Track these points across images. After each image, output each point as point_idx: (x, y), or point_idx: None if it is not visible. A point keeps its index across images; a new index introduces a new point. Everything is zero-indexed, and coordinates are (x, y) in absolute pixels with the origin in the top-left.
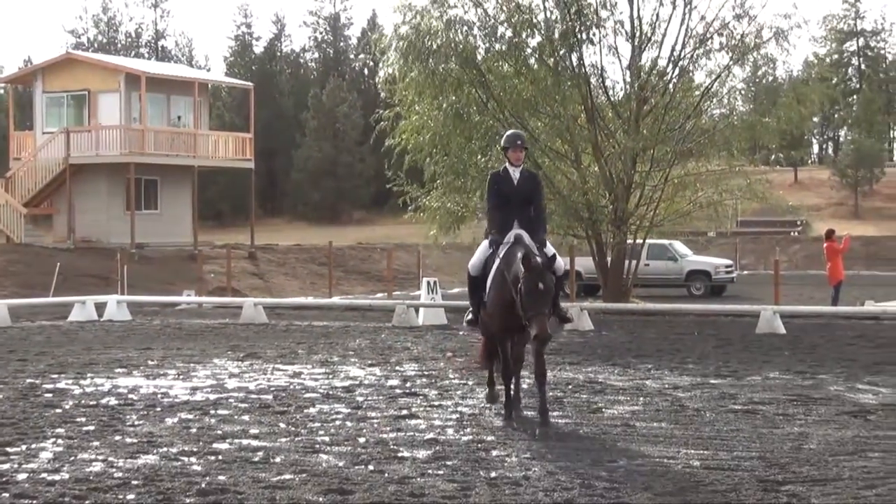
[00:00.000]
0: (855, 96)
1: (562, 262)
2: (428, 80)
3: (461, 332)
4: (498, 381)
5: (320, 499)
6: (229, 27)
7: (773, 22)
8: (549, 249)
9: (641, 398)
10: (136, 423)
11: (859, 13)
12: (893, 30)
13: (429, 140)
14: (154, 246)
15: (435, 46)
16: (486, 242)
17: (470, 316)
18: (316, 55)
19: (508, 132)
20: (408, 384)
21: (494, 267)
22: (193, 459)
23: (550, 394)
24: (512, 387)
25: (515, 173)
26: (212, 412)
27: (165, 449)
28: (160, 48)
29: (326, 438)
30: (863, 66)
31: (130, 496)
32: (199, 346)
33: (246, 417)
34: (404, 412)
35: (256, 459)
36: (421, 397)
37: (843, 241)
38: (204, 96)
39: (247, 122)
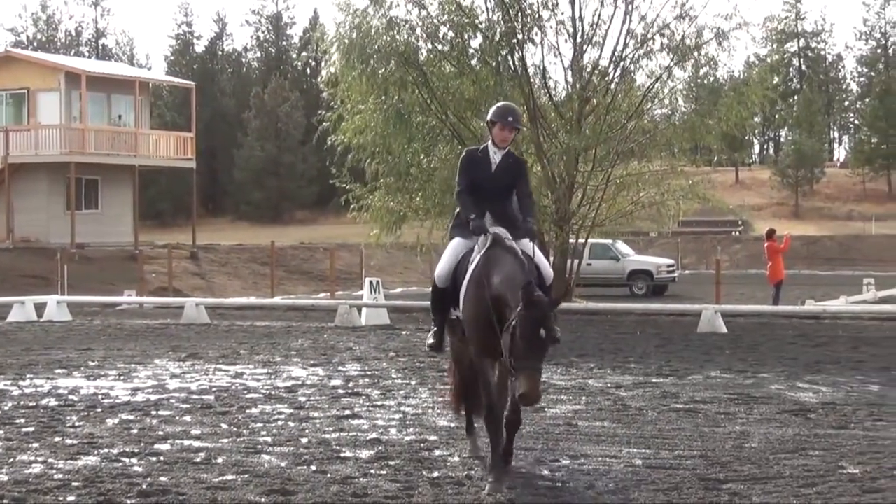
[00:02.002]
0: (796, 97)
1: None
2: (370, 80)
3: (404, 332)
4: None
5: (262, 499)
6: (170, 26)
7: (714, 23)
8: (536, 252)
9: (584, 397)
10: (77, 424)
11: (800, 14)
12: (833, 31)
13: (371, 140)
14: (95, 246)
15: (377, 47)
16: (457, 242)
17: (432, 339)
18: (258, 54)
19: (500, 103)
20: (350, 384)
21: (469, 271)
22: (134, 460)
23: None
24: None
25: (496, 156)
26: (153, 413)
27: (106, 450)
28: (101, 47)
29: (269, 439)
30: (803, 67)
31: (71, 498)
32: (141, 346)
33: (187, 418)
34: (347, 412)
35: (198, 460)
36: (364, 397)
37: (784, 240)
38: (145, 95)
39: (188, 122)
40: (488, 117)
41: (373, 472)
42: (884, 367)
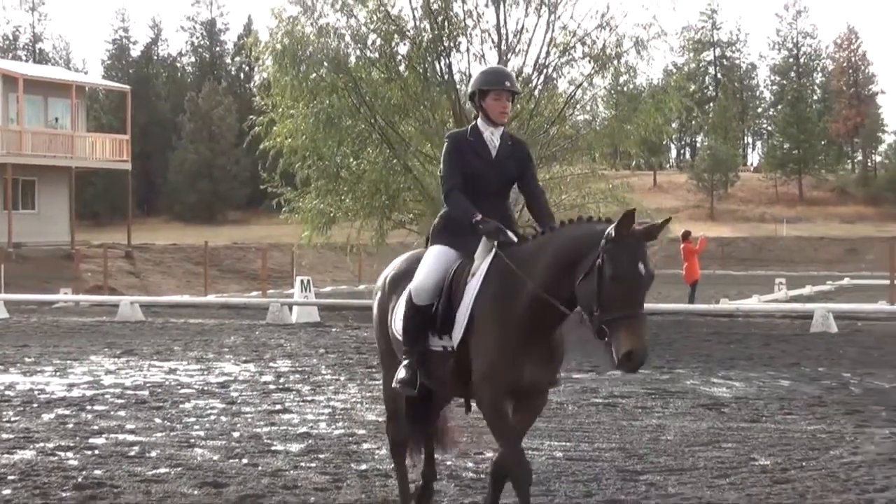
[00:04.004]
0: (711, 104)
1: None
2: (301, 85)
3: (334, 330)
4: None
5: (195, 492)
6: (107, 31)
7: (633, 32)
8: None
9: None
10: (13, 419)
11: (716, 25)
12: (748, 41)
13: (302, 144)
14: (31, 245)
15: (308, 53)
16: (441, 251)
17: (404, 373)
18: (192, 59)
19: (485, 68)
20: (281, 380)
21: (474, 288)
22: (70, 454)
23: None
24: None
25: (494, 137)
26: (88, 408)
27: (42, 444)
28: (38, 51)
29: (201, 433)
30: (719, 76)
31: (7, 491)
32: (76, 343)
33: (122, 413)
34: (278, 407)
35: (132, 454)
36: (294, 392)
37: (699, 241)
38: (81, 99)
39: (124, 125)
40: (475, 87)
41: (303, 464)
42: (794, 363)
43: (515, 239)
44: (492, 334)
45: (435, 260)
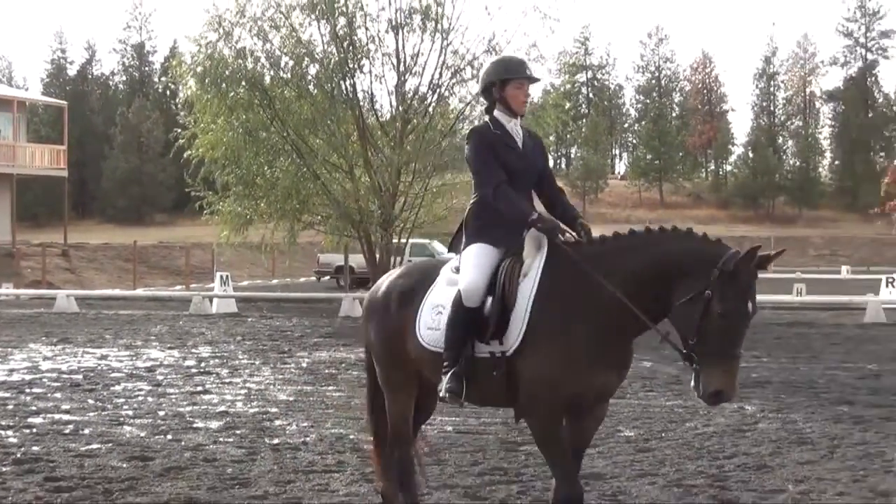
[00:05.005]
0: (584, 120)
1: None
2: (221, 102)
3: (250, 319)
4: None
5: (124, 465)
6: (46, 52)
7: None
8: None
9: None
10: None
11: (588, 50)
12: (616, 64)
13: (222, 154)
14: None
15: (227, 73)
16: (483, 249)
17: (454, 382)
18: (124, 78)
19: (498, 58)
20: (202, 364)
21: (532, 288)
22: (10, 433)
23: (328, 370)
24: None
25: (517, 128)
26: (27, 391)
27: None
28: None
29: (130, 412)
30: (591, 95)
31: None
32: (17, 332)
33: (58, 395)
34: (199, 388)
35: (67, 432)
36: (214, 375)
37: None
38: (22, 112)
39: (61, 136)
40: (494, 77)
41: (221, 439)
42: (654, 347)
43: (573, 238)
44: (556, 341)
45: (480, 259)
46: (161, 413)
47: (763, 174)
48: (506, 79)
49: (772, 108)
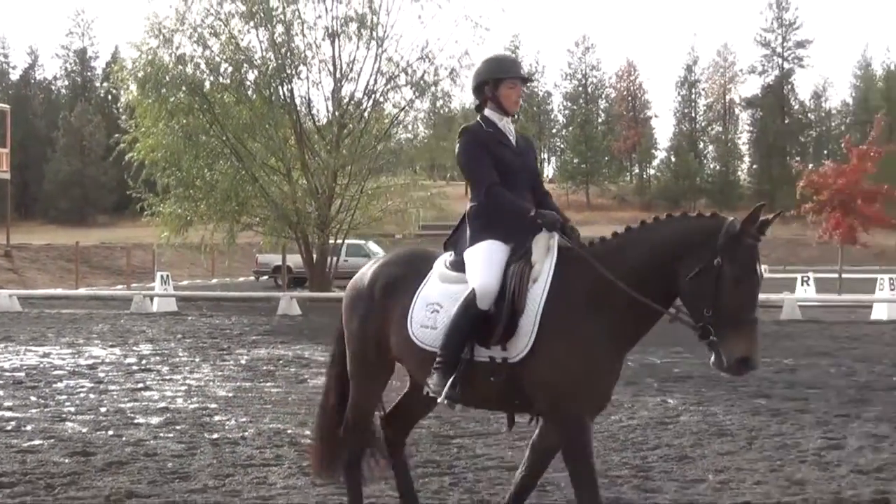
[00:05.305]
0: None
1: None
2: (161, 106)
3: (189, 318)
4: None
5: (66, 460)
6: None
7: (448, 64)
8: None
9: None
10: None
11: (518, 58)
12: (545, 72)
13: (162, 157)
14: None
15: (167, 79)
16: (493, 246)
17: (450, 386)
18: (66, 83)
19: (490, 56)
20: (143, 361)
21: (544, 288)
22: None
23: (266, 367)
24: None
25: (509, 126)
26: None
27: None
28: None
29: (72, 409)
30: (520, 101)
31: None
32: None
33: (1, 392)
34: (140, 385)
35: (9, 428)
36: (155, 372)
37: None
38: None
39: (3, 139)
40: (487, 76)
41: (161, 435)
42: None
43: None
44: (573, 347)
45: (492, 257)
46: (103, 409)
47: (685, 178)
48: (499, 78)
49: (693, 115)
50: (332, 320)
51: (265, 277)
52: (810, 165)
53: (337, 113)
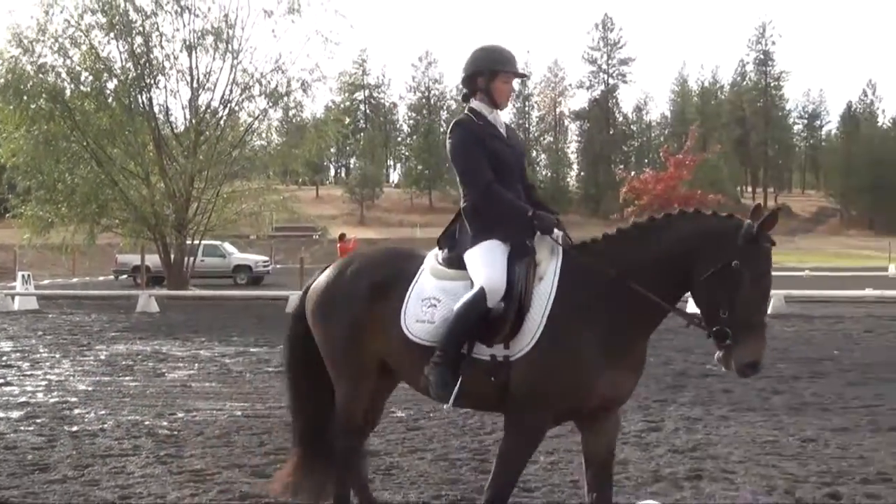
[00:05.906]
0: (362, 133)
1: None
2: (22, 113)
3: (50, 316)
4: None
5: None
6: None
7: (300, 75)
8: None
9: (196, 364)
10: None
11: (366, 71)
12: (391, 84)
13: (23, 162)
14: None
15: (28, 87)
16: (495, 246)
17: (446, 384)
18: None
19: (482, 47)
20: (4, 358)
21: (551, 288)
22: None
23: (125, 362)
24: None
25: (499, 118)
26: None
27: None
28: None
29: None
30: (368, 111)
31: None
32: None
33: None
34: (0, 381)
35: None
36: (15, 368)
37: (352, 242)
38: None
39: None
40: (481, 66)
41: (22, 428)
42: None
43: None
44: (581, 345)
45: (495, 256)
46: None
47: None
48: (496, 70)
49: (527, 125)
50: (188, 317)
51: (124, 276)
52: (632, 173)
53: (194, 121)
